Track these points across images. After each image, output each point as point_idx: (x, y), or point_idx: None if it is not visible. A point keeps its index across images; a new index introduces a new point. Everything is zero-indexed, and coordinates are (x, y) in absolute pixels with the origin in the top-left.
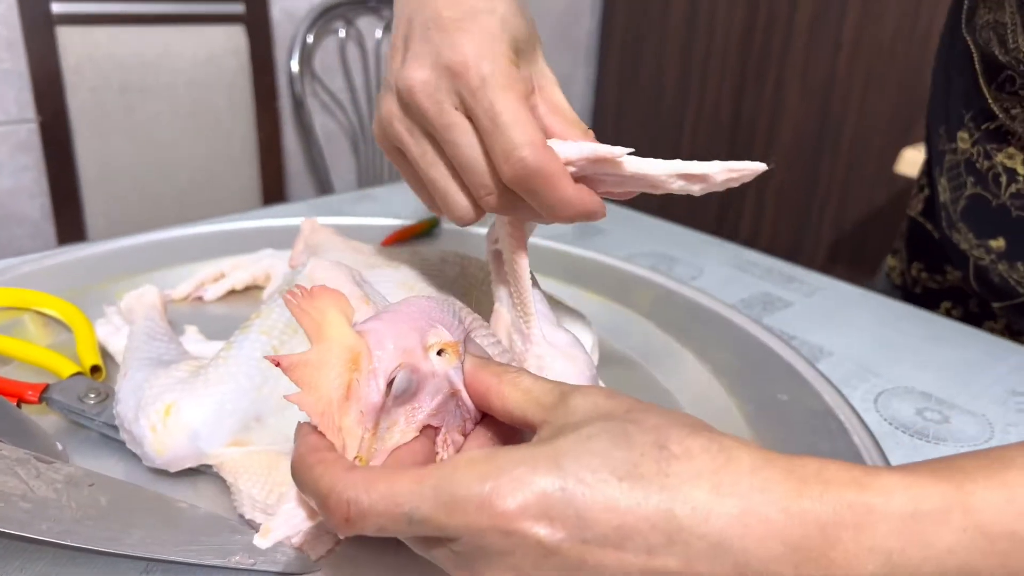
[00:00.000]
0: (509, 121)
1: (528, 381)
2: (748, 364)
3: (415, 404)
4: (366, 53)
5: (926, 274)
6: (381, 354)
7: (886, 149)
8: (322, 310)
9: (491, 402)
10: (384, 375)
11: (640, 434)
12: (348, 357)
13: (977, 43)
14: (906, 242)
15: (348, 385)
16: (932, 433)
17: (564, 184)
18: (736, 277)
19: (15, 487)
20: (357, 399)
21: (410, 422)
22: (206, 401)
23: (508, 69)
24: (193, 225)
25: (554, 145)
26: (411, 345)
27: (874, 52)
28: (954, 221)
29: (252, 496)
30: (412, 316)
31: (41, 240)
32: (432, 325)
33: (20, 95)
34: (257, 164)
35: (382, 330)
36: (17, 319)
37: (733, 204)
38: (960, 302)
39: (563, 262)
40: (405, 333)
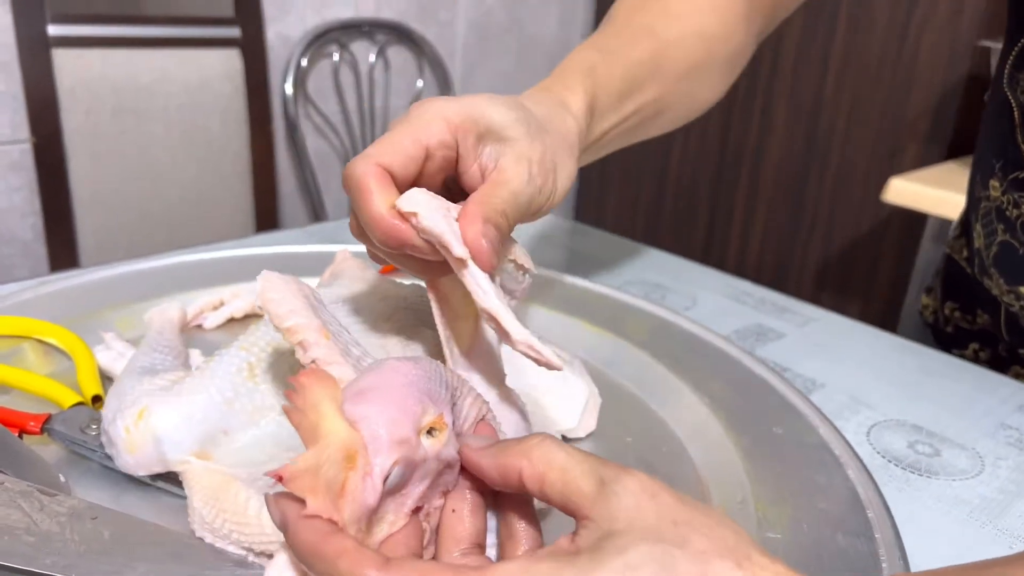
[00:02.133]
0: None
1: (561, 456)
2: (743, 397)
3: (404, 492)
4: (359, 77)
5: (959, 313)
6: (377, 450)
7: (872, 174)
8: (314, 404)
9: (528, 486)
10: (381, 474)
11: (685, 564)
12: (344, 456)
13: (1016, 98)
14: (942, 281)
15: (344, 484)
16: (924, 466)
17: (374, 202)
18: (729, 307)
19: (19, 520)
20: (352, 499)
21: (399, 512)
22: (176, 408)
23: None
24: (193, 252)
25: (410, 195)
26: (405, 434)
27: (861, 77)
28: (986, 267)
29: (202, 515)
30: (403, 395)
31: (32, 260)
32: (421, 402)
33: (14, 116)
34: (250, 186)
35: (376, 420)
36: (17, 347)
37: (720, 229)
38: (989, 344)
39: (558, 291)
40: (399, 421)
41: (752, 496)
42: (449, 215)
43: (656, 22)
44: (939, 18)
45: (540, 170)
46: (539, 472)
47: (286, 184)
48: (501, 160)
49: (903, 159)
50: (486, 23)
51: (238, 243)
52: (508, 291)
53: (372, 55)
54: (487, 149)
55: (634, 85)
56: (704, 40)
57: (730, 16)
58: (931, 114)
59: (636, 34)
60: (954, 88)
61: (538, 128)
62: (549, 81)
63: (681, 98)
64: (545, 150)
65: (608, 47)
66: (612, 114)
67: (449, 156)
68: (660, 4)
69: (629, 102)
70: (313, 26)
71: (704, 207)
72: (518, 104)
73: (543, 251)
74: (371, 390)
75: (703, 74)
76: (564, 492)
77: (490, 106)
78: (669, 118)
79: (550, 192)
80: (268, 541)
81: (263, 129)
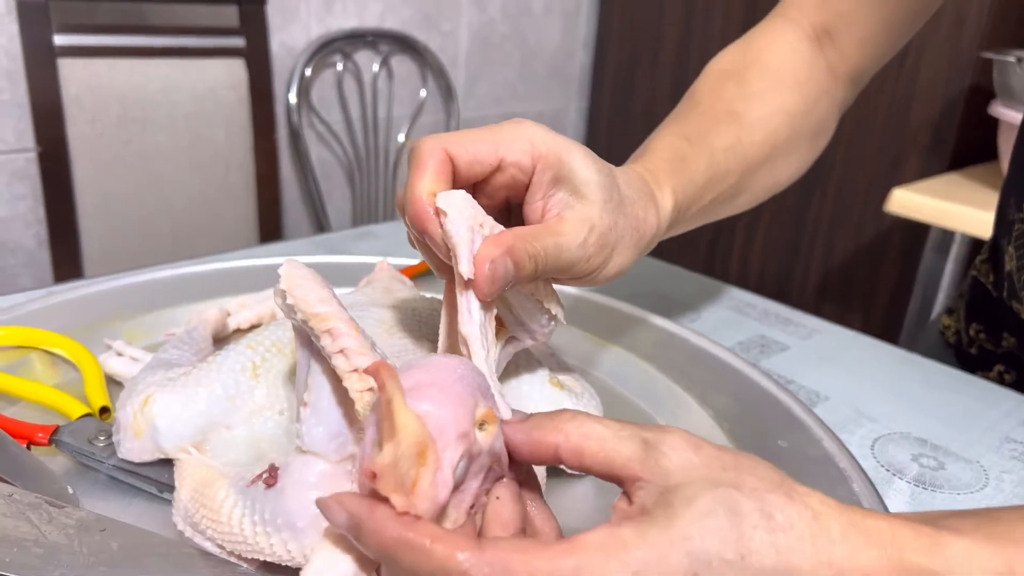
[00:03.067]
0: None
1: (598, 428)
2: (748, 410)
3: (463, 488)
4: (363, 86)
5: (984, 335)
6: (446, 446)
7: (874, 186)
8: (388, 398)
9: (565, 460)
10: (450, 468)
11: (747, 502)
12: (417, 451)
13: None
14: (967, 302)
15: (416, 481)
16: (928, 480)
17: (421, 181)
18: (733, 319)
19: (27, 532)
20: (425, 496)
21: (460, 509)
22: (176, 398)
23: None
24: (200, 263)
25: (453, 193)
26: (466, 427)
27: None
28: (1017, 290)
29: (186, 508)
30: (458, 389)
31: (36, 269)
32: (473, 395)
33: (19, 124)
34: (254, 195)
35: (440, 414)
36: (25, 358)
37: (723, 239)
38: (1014, 367)
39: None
40: (461, 416)
41: None
42: (479, 230)
43: (738, 105)
44: (941, 30)
45: (597, 242)
46: (576, 445)
47: (289, 193)
48: (566, 212)
49: (905, 170)
50: (489, 33)
51: (245, 253)
52: (529, 331)
53: (376, 65)
54: (559, 194)
55: (718, 175)
56: (788, 117)
57: (812, 89)
58: (933, 125)
59: (719, 119)
60: (956, 99)
61: (618, 203)
62: (642, 166)
63: (762, 179)
64: (613, 227)
65: (694, 133)
66: (695, 207)
67: (520, 179)
68: (739, 85)
69: (711, 192)
70: (317, 36)
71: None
72: (610, 171)
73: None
74: (429, 385)
75: (785, 152)
76: (607, 461)
77: (584, 158)
78: (747, 199)
79: (597, 267)
80: (236, 541)
81: (267, 139)
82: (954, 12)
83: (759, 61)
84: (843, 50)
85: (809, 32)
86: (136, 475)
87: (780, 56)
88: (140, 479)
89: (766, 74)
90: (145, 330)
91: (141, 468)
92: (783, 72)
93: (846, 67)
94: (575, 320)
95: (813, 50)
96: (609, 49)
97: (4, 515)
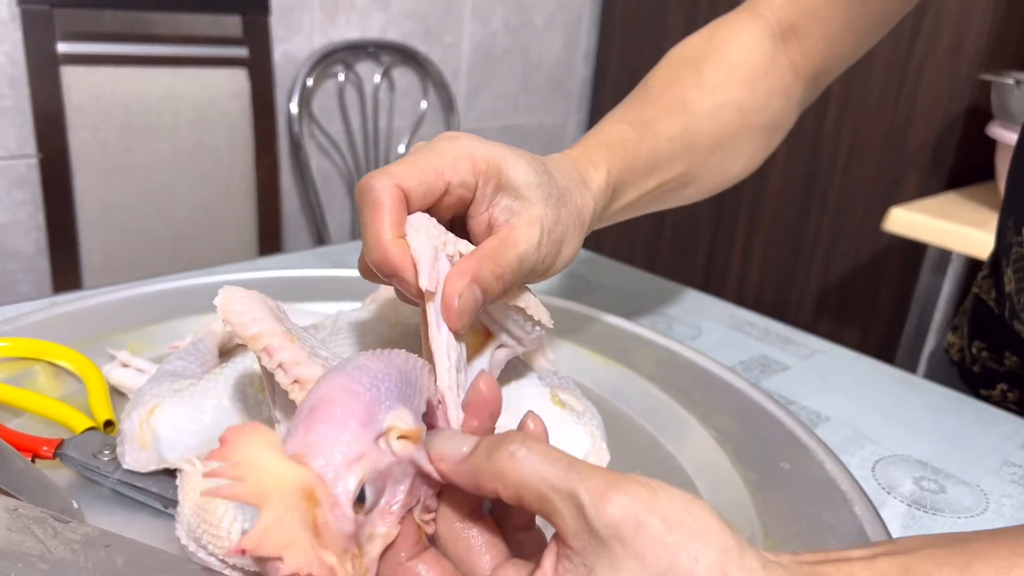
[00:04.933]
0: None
1: (535, 481)
2: (750, 430)
3: (388, 500)
4: (364, 97)
5: (987, 353)
6: (335, 478)
7: (872, 205)
8: (251, 460)
9: (500, 496)
10: (347, 500)
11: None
12: (302, 497)
13: None
14: (969, 319)
15: (315, 523)
16: (929, 503)
17: (383, 223)
18: (734, 338)
19: (32, 547)
20: (330, 535)
21: (388, 520)
22: (182, 409)
23: (409, 160)
24: (205, 274)
25: (414, 217)
26: (363, 447)
27: (862, 111)
28: (1018, 312)
29: (188, 521)
30: (358, 401)
31: (34, 275)
32: (386, 405)
33: (21, 131)
34: (254, 204)
35: (326, 443)
36: (28, 370)
37: (720, 256)
38: (1017, 386)
39: (566, 319)
40: (353, 435)
41: (761, 532)
42: (443, 248)
43: (689, 94)
44: (940, 52)
45: (548, 240)
46: (515, 495)
47: (289, 203)
48: (514, 219)
49: (904, 189)
50: (490, 46)
51: (248, 265)
52: (516, 338)
53: (377, 76)
54: (503, 202)
55: (662, 161)
56: (739, 112)
57: (769, 85)
58: (932, 145)
59: (669, 107)
60: (955, 120)
61: (558, 197)
62: (576, 151)
63: (710, 171)
64: (558, 221)
65: (639, 120)
66: (634, 190)
67: (466, 197)
68: (695, 74)
69: (653, 178)
70: (320, 46)
71: (704, 236)
72: (543, 167)
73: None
74: (313, 412)
75: (735, 146)
76: (544, 515)
77: (517, 161)
78: (696, 190)
79: (549, 265)
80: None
81: (268, 149)
82: (953, 34)
83: (718, 51)
84: (807, 48)
85: (774, 27)
86: (141, 490)
87: (741, 49)
88: (145, 494)
89: (722, 66)
90: (149, 342)
91: (146, 482)
92: (741, 66)
93: (808, 65)
94: (578, 338)
95: (775, 46)
96: (610, 63)
97: (9, 529)
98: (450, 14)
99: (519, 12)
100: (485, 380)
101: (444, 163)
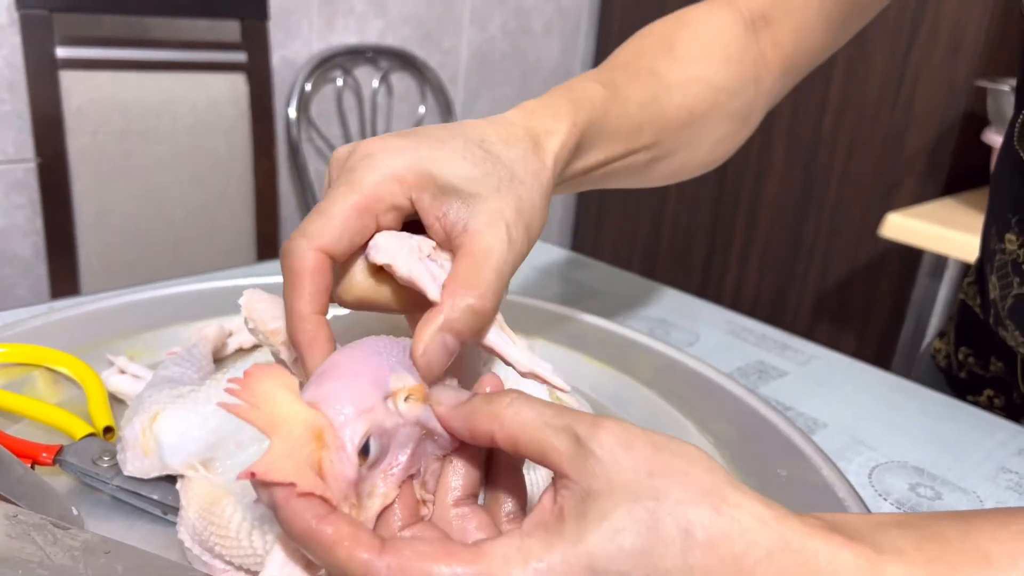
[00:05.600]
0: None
1: (533, 417)
2: (748, 437)
3: (390, 461)
4: (362, 101)
5: (973, 359)
6: (344, 424)
7: (869, 210)
8: (267, 394)
9: (501, 447)
10: (353, 447)
11: (666, 517)
12: (311, 436)
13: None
14: (956, 325)
15: (319, 464)
16: (926, 510)
17: (301, 301)
18: (731, 344)
19: (32, 554)
20: (333, 477)
21: (388, 482)
22: (184, 415)
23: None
24: (204, 280)
25: (379, 243)
26: (372, 403)
27: (859, 117)
28: (1002, 318)
29: (193, 525)
30: (367, 365)
31: (32, 279)
32: (391, 369)
33: (19, 135)
34: (252, 209)
35: (338, 395)
36: (27, 376)
37: (718, 262)
38: (1003, 392)
39: (564, 325)
40: (364, 391)
41: None
42: (422, 255)
43: (660, 65)
44: (936, 59)
45: (517, 229)
46: (512, 435)
47: (287, 207)
48: (471, 222)
49: (900, 195)
50: (488, 51)
51: (247, 271)
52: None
53: (375, 81)
54: (452, 207)
55: (631, 125)
56: (710, 89)
57: (740, 71)
58: (928, 151)
59: (639, 74)
60: (951, 126)
61: (509, 178)
62: (535, 103)
63: (682, 148)
64: (520, 204)
65: (609, 81)
66: (600, 151)
67: (404, 212)
68: (666, 48)
69: (621, 142)
70: (318, 51)
71: (702, 241)
72: (483, 152)
73: (542, 282)
74: (330, 368)
75: (707, 125)
76: (540, 452)
77: (450, 159)
78: (669, 168)
79: (527, 251)
80: (245, 555)
81: (267, 153)
82: (949, 41)
83: (690, 28)
84: (778, 39)
85: (746, 16)
86: (140, 496)
87: (712, 30)
88: (144, 500)
89: (694, 44)
90: (148, 348)
91: (145, 489)
92: (712, 46)
93: (779, 57)
94: (576, 344)
95: (747, 34)
96: None
97: (9, 536)
98: (448, 19)
99: (517, 17)
100: (491, 381)
101: (365, 197)
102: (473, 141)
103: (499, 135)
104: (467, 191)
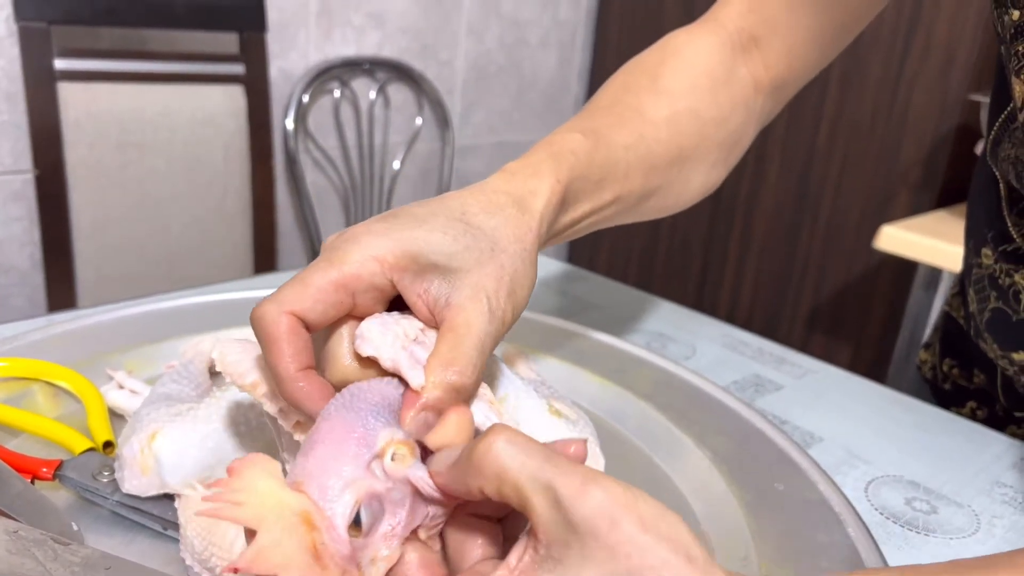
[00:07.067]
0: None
1: (514, 469)
2: (745, 451)
3: (388, 523)
4: (359, 113)
5: (957, 371)
6: (330, 501)
7: (864, 224)
8: (250, 487)
9: (484, 493)
10: (343, 522)
11: None
12: (300, 520)
13: (1000, 172)
14: (941, 337)
15: (314, 549)
16: (922, 524)
17: (283, 360)
18: (727, 358)
19: (32, 569)
20: (329, 557)
21: (391, 543)
22: (183, 434)
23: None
24: (201, 294)
25: (364, 332)
26: (357, 471)
27: (853, 130)
28: (980, 331)
29: (193, 545)
30: (343, 433)
31: (29, 290)
32: (379, 423)
33: (16, 146)
34: (250, 220)
35: (322, 468)
36: (27, 390)
37: (713, 274)
38: (986, 404)
39: (562, 339)
40: (345, 460)
41: (756, 554)
42: (407, 341)
43: (645, 101)
44: (930, 73)
45: (498, 300)
46: (495, 487)
47: (284, 218)
48: (453, 297)
49: (894, 207)
50: (485, 63)
51: (246, 284)
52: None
53: (372, 92)
54: (433, 284)
55: (616, 171)
56: (697, 121)
57: (729, 96)
58: (922, 164)
59: (623, 115)
60: (944, 139)
61: (490, 249)
62: (517, 164)
63: (671, 184)
64: (502, 274)
65: (591, 129)
66: (586, 202)
67: (385, 294)
68: (651, 81)
69: (608, 190)
70: (315, 63)
71: (697, 254)
72: (463, 225)
73: (539, 295)
74: (310, 443)
75: (697, 157)
76: (521, 506)
77: (429, 237)
78: (657, 205)
79: (511, 319)
80: None
81: (264, 165)
82: (943, 55)
83: (675, 57)
84: (768, 59)
85: (735, 37)
86: (140, 512)
87: (698, 55)
88: (144, 515)
89: (679, 72)
90: (147, 362)
91: (145, 505)
92: (698, 73)
93: (770, 76)
94: (573, 358)
95: (735, 56)
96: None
97: (9, 552)
98: (445, 31)
99: (514, 30)
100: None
101: (345, 273)
102: (454, 215)
103: (481, 204)
104: (448, 267)
